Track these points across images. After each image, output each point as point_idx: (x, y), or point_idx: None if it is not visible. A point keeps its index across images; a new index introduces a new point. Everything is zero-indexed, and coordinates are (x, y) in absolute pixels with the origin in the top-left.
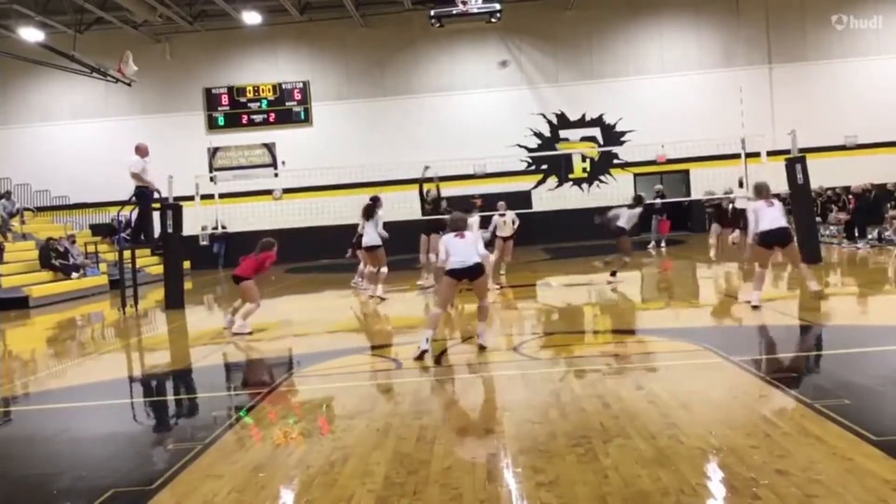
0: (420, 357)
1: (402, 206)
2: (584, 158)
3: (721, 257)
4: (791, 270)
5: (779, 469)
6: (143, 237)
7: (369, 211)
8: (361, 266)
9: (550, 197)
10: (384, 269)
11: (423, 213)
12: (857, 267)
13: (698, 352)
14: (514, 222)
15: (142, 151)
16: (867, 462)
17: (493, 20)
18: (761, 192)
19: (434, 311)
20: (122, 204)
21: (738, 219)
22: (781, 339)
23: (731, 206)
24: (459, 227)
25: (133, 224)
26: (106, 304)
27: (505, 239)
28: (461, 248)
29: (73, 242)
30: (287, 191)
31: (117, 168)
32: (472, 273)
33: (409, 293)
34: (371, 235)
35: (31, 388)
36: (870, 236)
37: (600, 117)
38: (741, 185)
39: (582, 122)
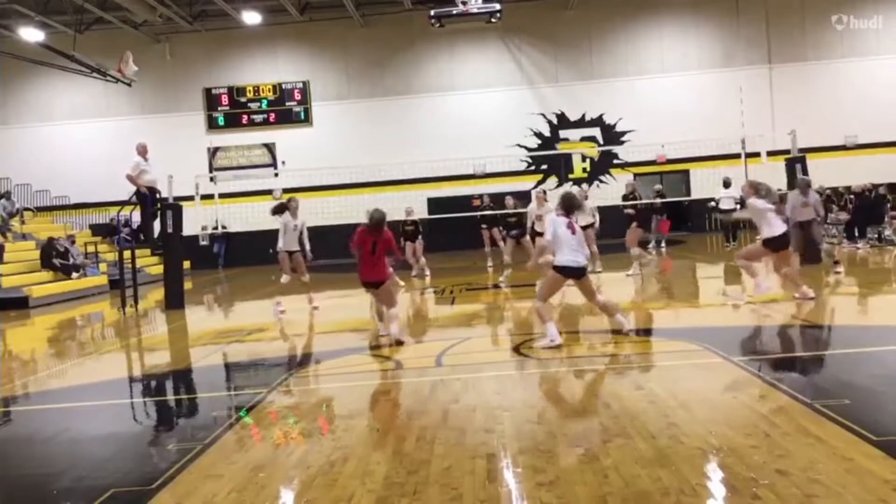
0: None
1: (403, 206)
2: (584, 158)
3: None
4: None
5: (779, 469)
6: (142, 237)
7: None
8: None
9: (550, 197)
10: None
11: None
12: (857, 267)
13: (698, 352)
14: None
15: (139, 151)
16: (867, 462)
17: (493, 20)
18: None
19: (544, 306)
20: (122, 204)
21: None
22: (781, 339)
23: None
24: (573, 207)
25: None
26: (106, 304)
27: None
28: (574, 242)
29: (73, 242)
30: (287, 191)
31: (117, 168)
32: (580, 274)
33: (406, 294)
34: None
35: (31, 388)
36: (870, 236)
37: (600, 117)
38: (727, 185)
39: (582, 122)
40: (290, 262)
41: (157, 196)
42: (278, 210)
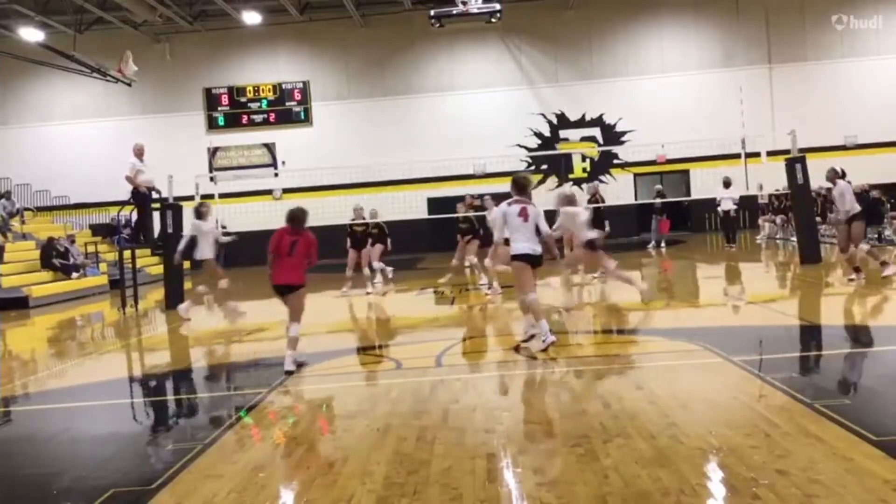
0: (546, 350)
1: (403, 206)
2: (584, 158)
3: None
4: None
5: (779, 469)
6: (142, 237)
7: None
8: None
9: (551, 197)
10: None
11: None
12: None
13: (698, 352)
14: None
15: (136, 152)
16: (867, 462)
17: (493, 20)
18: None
19: (529, 299)
20: (122, 204)
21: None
22: (781, 339)
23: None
24: (525, 187)
25: (134, 225)
26: (106, 304)
27: None
28: (527, 230)
29: (73, 242)
30: (287, 191)
31: (117, 168)
32: (537, 262)
33: (409, 293)
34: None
35: (31, 388)
36: (870, 236)
37: (600, 117)
38: (727, 185)
39: (582, 122)
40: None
41: (157, 195)
42: (199, 215)
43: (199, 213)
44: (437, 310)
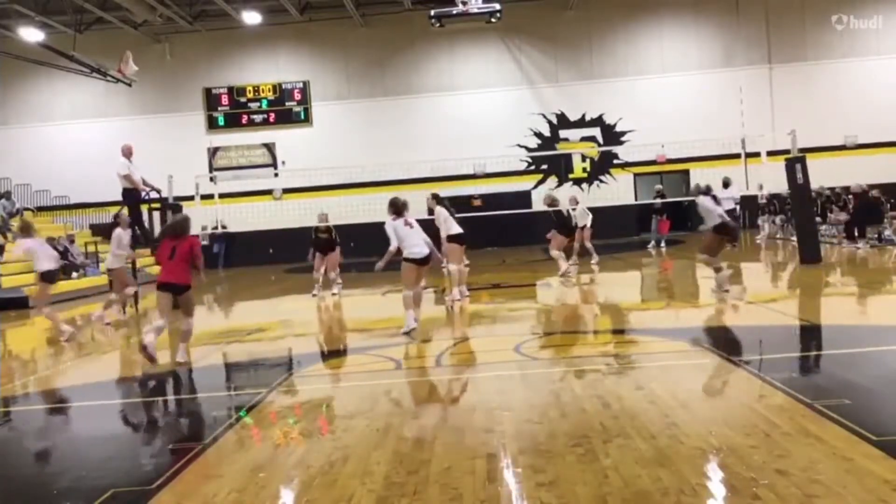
0: (408, 333)
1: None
2: (583, 158)
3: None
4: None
5: (779, 469)
6: (142, 237)
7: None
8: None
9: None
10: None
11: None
12: (856, 267)
13: (698, 352)
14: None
15: (125, 152)
16: (867, 462)
17: (493, 20)
18: None
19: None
20: (123, 204)
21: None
22: (781, 339)
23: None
24: (401, 209)
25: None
26: None
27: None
28: (414, 237)
29: (73, 242)
30: (287, 191)
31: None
32: (425, 261)
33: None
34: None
35: (31, 388)
36: (869, 236)
37: (600, 117)
38: (727, 185)
39: (582, 122)
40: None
41: (157, 195)
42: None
43: (120, 223)
44: (436, 310)
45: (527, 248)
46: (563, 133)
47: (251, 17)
